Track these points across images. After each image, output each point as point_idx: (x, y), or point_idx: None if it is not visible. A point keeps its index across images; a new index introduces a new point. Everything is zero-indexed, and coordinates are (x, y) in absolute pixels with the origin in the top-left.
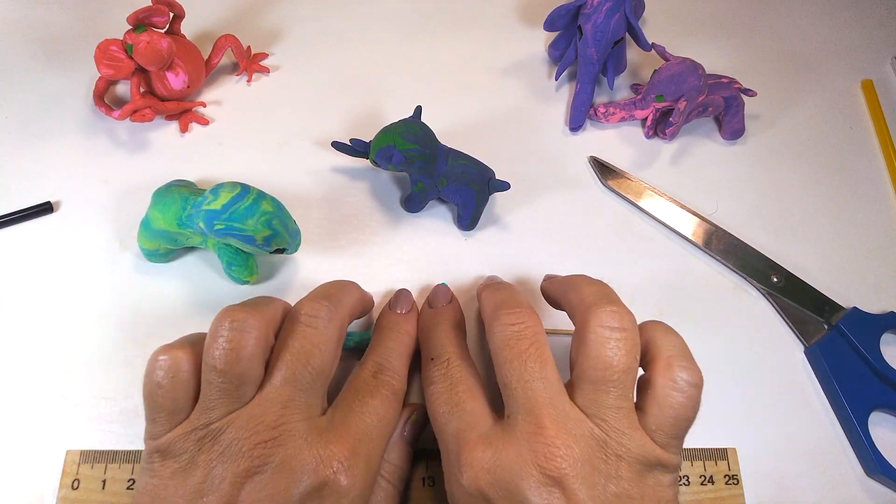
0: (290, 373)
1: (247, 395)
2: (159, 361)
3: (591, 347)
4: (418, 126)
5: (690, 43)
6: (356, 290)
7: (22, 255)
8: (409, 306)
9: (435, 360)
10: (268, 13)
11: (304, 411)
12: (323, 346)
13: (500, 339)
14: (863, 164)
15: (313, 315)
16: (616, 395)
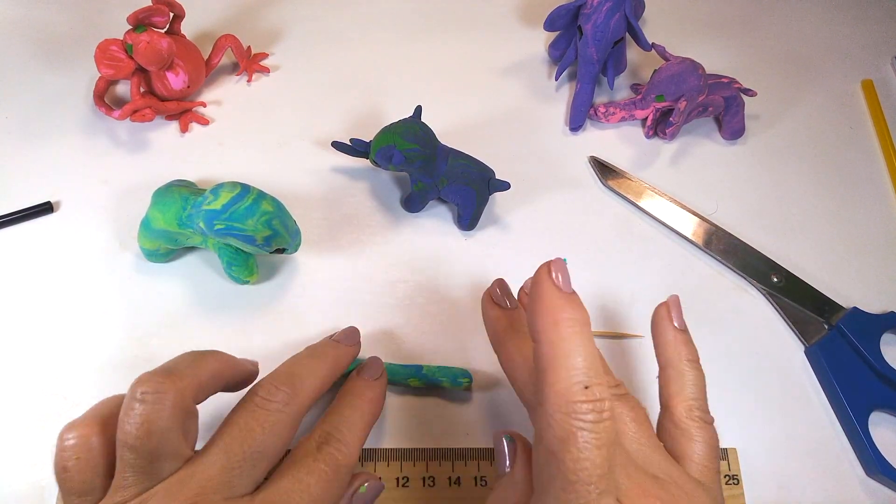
0: (225, 452)
1: (164, 470)
2: (66, 442)
3: None
4: (418, 126)
5: (690, 43)
6: (328, 361)
7: (22, 255)
8: (377, 373)
9: (591, 390)
10: (268, 13)
11: (227, 491)
12: (270, 427)
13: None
14: (863, 164)
15: (267, 398)
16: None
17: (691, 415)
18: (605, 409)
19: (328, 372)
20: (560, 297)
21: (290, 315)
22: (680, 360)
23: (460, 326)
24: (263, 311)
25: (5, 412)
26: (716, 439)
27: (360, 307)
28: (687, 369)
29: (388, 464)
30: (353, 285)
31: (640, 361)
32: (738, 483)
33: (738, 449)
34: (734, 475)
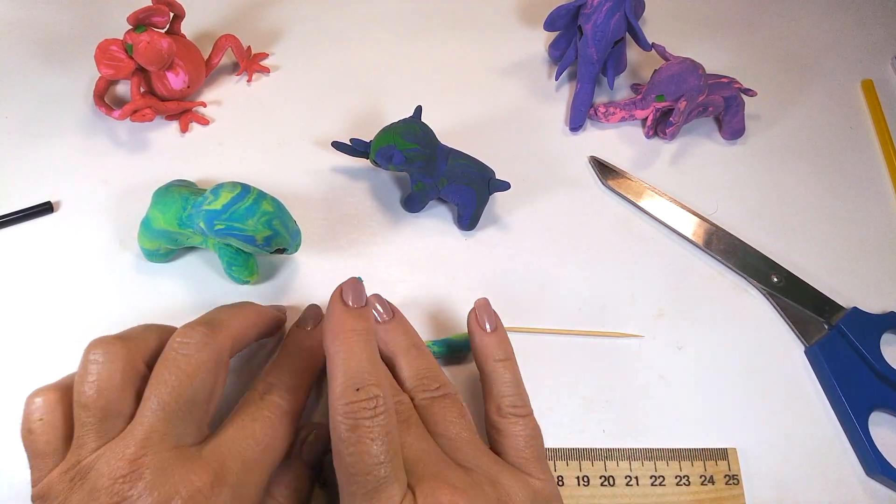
0: (157, 402)
1: (116, 427)
2: (33, 405)
3: None
4: (418, 126)
5: (690, 43)
6: (248, 312)
7: (22, 255)
8: (315, 322)
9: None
10: (268, 13)
11: (172, 440)
12: (195, 372)
13: None
14: (863, 164)
15: (185, 341)
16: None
17: (501, 412)
18: (379, 405)
19: (249, 320)
20: (344, 313)
21: (290, 315)
22: (488, 362)
23: (460, 326)
24: None
25: (5, 412)
26: (532, 429)
27: None
28: (497, 368)
29: None
30: None
31: (641, 361)
32: (738, 483)
33: (738, 449)
34: (734, 475)
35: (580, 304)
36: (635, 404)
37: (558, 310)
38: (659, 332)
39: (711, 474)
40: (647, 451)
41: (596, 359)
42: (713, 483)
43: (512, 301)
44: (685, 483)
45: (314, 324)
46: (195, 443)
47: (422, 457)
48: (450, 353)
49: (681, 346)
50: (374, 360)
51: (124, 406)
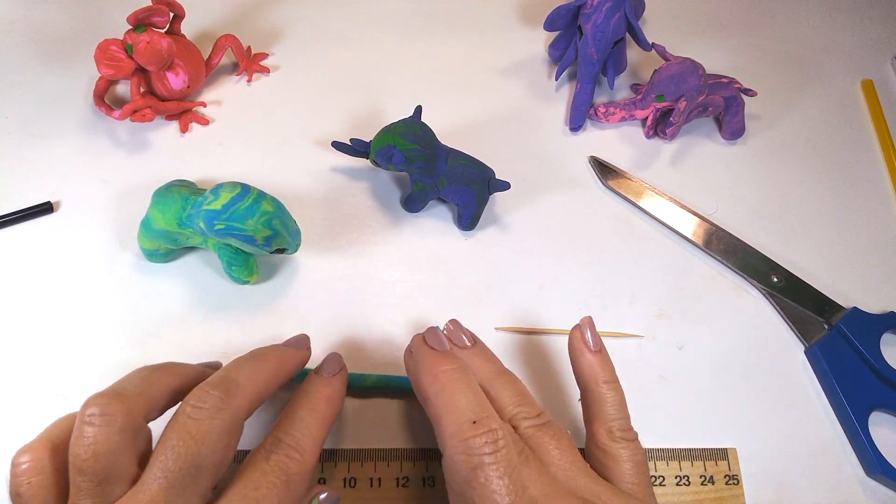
0: (162, 471)
1: (114, 493)
2: (20, 467)
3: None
4: (418, 126)
5: (690, 43)
6: (266, 366)
7: (22, 255)
8: (336, 369)
9: (479, 424)
10: (268, 13)
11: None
12: (205, 440)
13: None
14: (863, 164)
15: (198, 406)
16: None
17: (612, 436)
18: (499, 437)
19: (270, 374)
20: (435, 355)
21: (290, 315)
22: (597, 384)
23: None
24: (263, 311)
25: (5, 412)
26: (641, 454)
27: (360, 307)
28: (604, 391)
29: (389, 464)
30: (353, 285)
31: (641, 361)
32: (738, 483)
33: (738, 449)
34: (734, 475)
35: (580, 304)
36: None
37: (558, 310)
38: (659, 332)
39: (711, 474)
40: (647, 450)
41: None
42: (713, 483)
43: (512, 301)
44: (685, 483)
45: (333, 371)
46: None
47: (546, 492)
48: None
49: (681, 346)
50: (481, 395)
51: (123, 470)
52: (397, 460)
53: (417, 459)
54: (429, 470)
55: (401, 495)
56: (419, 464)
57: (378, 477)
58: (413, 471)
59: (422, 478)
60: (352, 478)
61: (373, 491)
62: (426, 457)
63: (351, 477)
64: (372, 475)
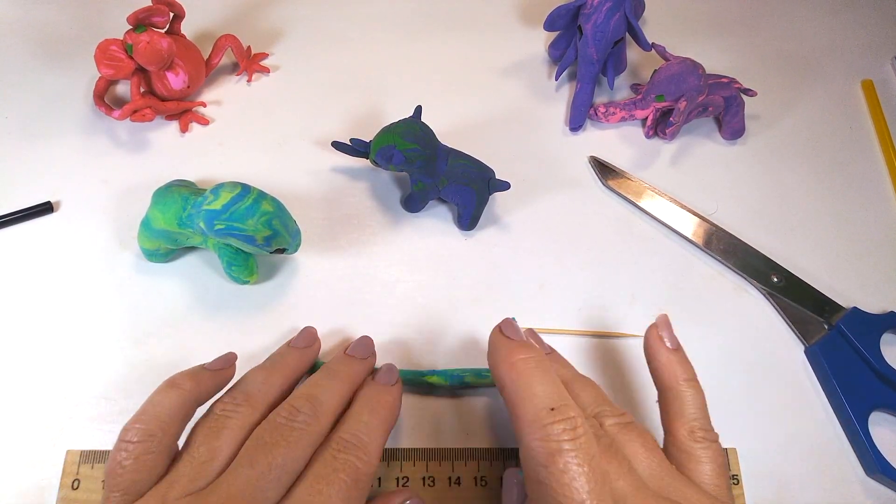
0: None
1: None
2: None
3: None
4: (418, 126)
5: (690, 43)
6: (345, 380)
7: (22, 255)
8: (393, 379)
9: (557, 411)
10: (268, 13)
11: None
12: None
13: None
14: (863, 164)
15: (290, 419)
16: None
17: (694, 436)
18: (578, 425)
19: (346, 391)
20: (512, 344)
21: (290, 315)
22: (677, 382)
23: (460, 326)
24: (263, 311)
25: (5, 412)
26: (722, 456)
27: (360, 307)
28: (684, 389)
29: (388, 464)
30: (353, 285)
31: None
32: (737, 483)
33: (738, 449)
34: (734, 475)
35: (580, 304)
36: (636, 404)
37: (558, 310)
38: None
39: None
40: None
41: (596, 359)
42: None
43: (512, 301)
44: None
45: (392, 380)
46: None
47: (633, 487)
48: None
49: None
50: (559, 384)
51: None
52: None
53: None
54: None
55: None
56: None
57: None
58: (413, 471)
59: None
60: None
61: (373, 491)
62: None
63: None
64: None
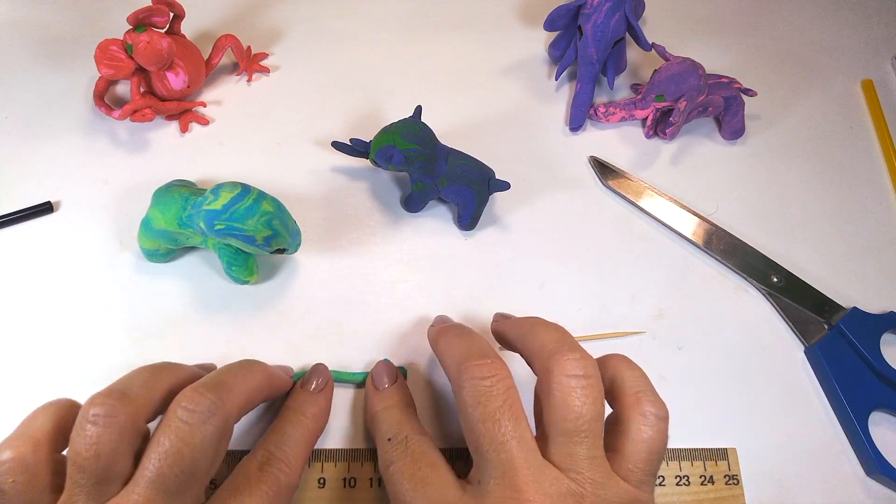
0: (155, 474)
1: (109, 492)
2: (3, 466)
3: (559, 398)
4: (418, 126)
5: (690, 43)
6: (257, 374)
7: (22, 255)
8: (321, 385)
9: (393, 441)
10: (268, 13)
11: None
12: (198, 444)
13: (470, 396)
14: (863, 164)
15: (191, 409)
16: (588, 444)
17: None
18: (411, 442)
19: (259, 383)
20: (375, 395)
21: (290, 315)
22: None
23: None
24: (263, 311)
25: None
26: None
27: (360, 307)
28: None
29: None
30: (353, 285)
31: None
32: (738, 483)
33: (738, 449)
34: (734, 475)
35: (580, 304)
36: None
37: (558, 310)
38: (659, 332)
39: (711, 474)
40: None
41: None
42: (713, 483)
43: (512, 301)
44: (685, 483)
45: (320, 385)
46: None
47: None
48: None
49: (681, 346)
50: (399, 420)
51: (120, 469)
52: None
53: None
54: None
55: None
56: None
57: (378, 477)
58: None
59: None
60: (352, 478)
61: (373, 491)
62: None
63: (351, 477)
64: (372, 475)
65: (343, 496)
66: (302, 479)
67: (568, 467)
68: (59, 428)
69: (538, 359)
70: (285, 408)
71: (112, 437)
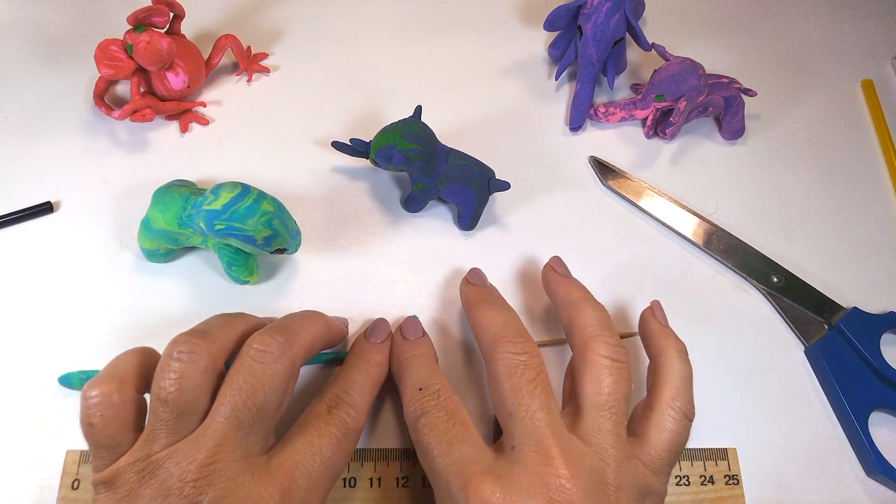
0: (231, 409)
1: (188, 426)
2: (90, 400)
3: (594, 373)
4: (418, 126)
5: (690, 43)
6: (319, 322)
7: (22, 255)
8: (384, 336)
9: (425, 391)
10: (268, 13)
11: (243, 449)
12: (269, 382)
13: (505, 367)
14: (863, 164)
15: (262, 349)
16: (615, 420)
17: (673, 404)
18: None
19: (322, 331)
20: (403, 345)
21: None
22: (668, 349)
23: (460, 326)
24: (263, 311)
25: (5, 412)
26: (684, 436)
27: (360, 307)
28: (673, 358)
29: (388, 464)
30: (353, 285)
31: (641, 362)
32: (738, 483)
33: (738, 449)
34: (734, 475)
35: None
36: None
37: None
38: None
39: (711, 474)
40: None
41: None
42: (713, 483)
43: (512, 302)
44: (685, 483)
45: (382, 337)
46: (262, 452)
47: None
48: None
49: None
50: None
51: (200, 405)
52: (397, 460)
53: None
54: None
55: (401, 495)
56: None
57: (378, 477)
58: (413, 471)
59: (422, 478)
60: (352, 478)
61: (373, 491)
62: None
63: (351, 477)
64: (372, 475)
65: (343, 496)
66: None
67: (594, 441)
68: (142, 371)
69: (579, 334)
70: (350, 355)
71: (195, 372)
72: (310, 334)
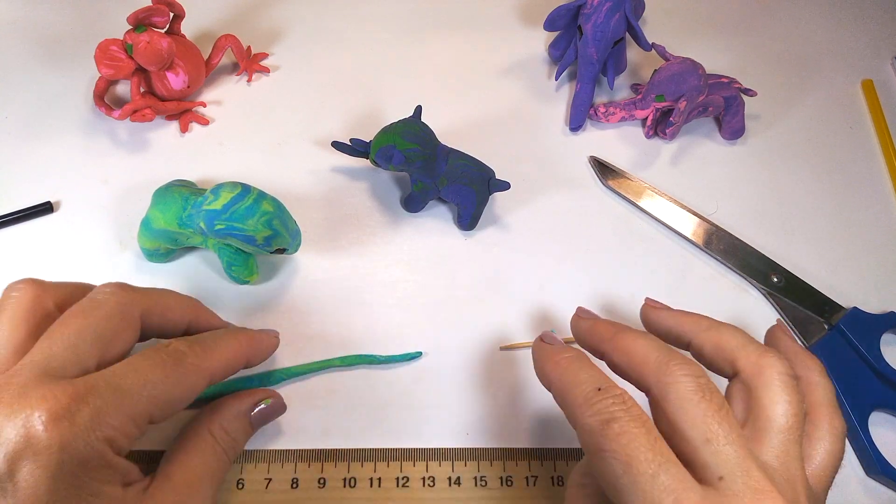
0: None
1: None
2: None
3: (777, 393)
4: (418, 126)
5: (690, 43)
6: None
7: (22, 255)
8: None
9: (605, 391)
10: (268, 13)
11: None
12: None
13: (689, 391)
14: (863, 164)
15: (101, 288)
16: (800, 444)
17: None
18: (627, 399)
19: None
20: (552, 348)
21: (290, 315)
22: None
23: (460, 327)
24: (263, 311)
25: None
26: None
27: (360, 307)
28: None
29: (388, 464)
30: (353, 285)
31: None
32: None
33: None
34: None
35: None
36: None
37: (558, 310)
38: None
39: None
40: None
41: (597, 359)
42: None
43: (512, 301)
44: None
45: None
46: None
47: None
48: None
49: None
50: (600, 370)
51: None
52: (397, 460)
53: (417, 459)
54: (428, 470)
55: (401, 495)
56: (419, 464)
57: (378, 477)
58: (413, 471)
59: (421, 478)
60: (352, 478)
61: (373, 491)
62: (426, 457)
63: (352, 477)
64: (372, 475)
65: (343, 496)
66: (302, 479)
67: (784, 468)
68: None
69: (742, 356)
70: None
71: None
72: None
